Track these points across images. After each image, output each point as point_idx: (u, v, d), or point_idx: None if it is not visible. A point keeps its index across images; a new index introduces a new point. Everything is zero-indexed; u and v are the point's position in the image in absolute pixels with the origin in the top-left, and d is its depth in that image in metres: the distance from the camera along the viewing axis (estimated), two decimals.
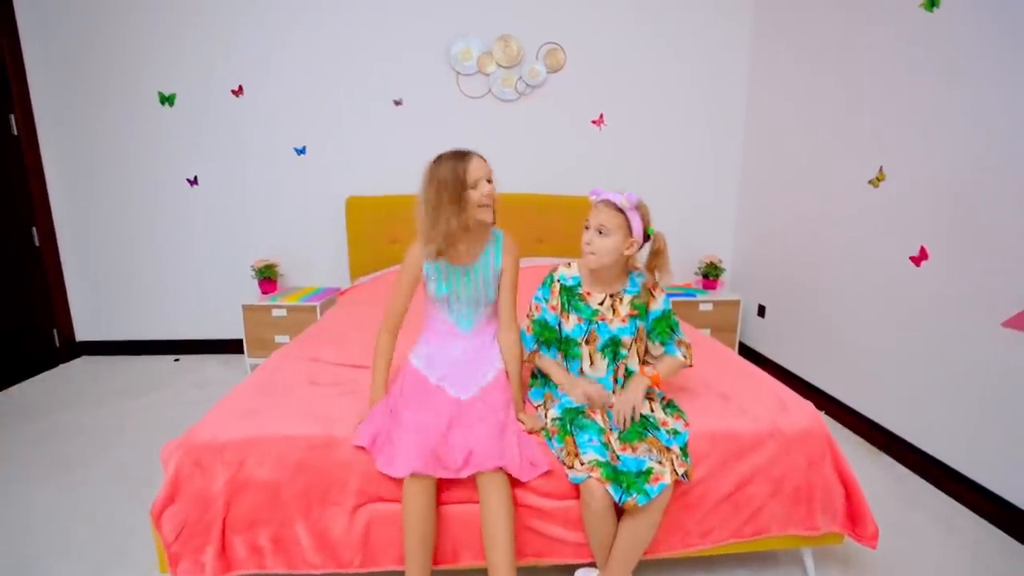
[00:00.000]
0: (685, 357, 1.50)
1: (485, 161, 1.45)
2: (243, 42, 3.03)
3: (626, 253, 1.40)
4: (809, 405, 1.49)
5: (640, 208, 1.41)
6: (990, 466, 1.79)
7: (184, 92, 3.07)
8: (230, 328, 3.26)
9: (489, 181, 1.44)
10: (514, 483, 1.29)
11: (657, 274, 1.45)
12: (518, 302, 1.56)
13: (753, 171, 3.24)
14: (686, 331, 1.84)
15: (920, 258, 2.05)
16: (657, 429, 1.37)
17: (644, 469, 1.24)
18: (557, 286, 1.52)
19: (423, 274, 1.51)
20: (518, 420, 1.43)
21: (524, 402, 1.55)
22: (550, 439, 1.36)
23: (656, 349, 1.52)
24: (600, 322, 1.45)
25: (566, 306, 1.49)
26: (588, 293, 1.48)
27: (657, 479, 1.22)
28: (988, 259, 1.79)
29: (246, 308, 2.98)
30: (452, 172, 1.39)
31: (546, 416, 1.44)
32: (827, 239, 2.58)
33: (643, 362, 1.52)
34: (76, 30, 2.97)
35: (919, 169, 2.06)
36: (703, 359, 1.78)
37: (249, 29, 3.02)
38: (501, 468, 1.26)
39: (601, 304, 1.47)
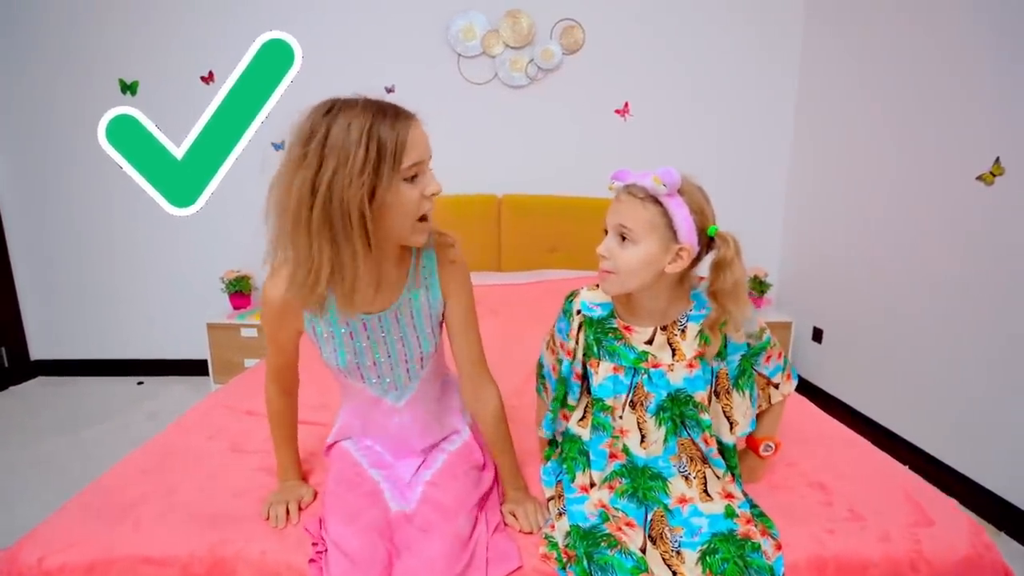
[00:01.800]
0: (780, 387, 1.02)
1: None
2: (214, 22, 2.64)
3: (669, 269, 0.87)
4: (965, 516, 0.98)
5: (688, 193, 0.86)
6: None
7: (148, 79, 2.69)
8: (199, 348, 2.85)
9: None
10: None
11: (726, 307, 0.88)
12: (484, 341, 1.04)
13: (805, 168, 2.73)
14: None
15: None
16: (767, 572, 0.83)
17: None
18: (578, 320, 0.98)
19: (307, 332, 0.94)
20: (504, 516, 0.96)
21: (522, 483, 1.03)
22: (564, 567, 0.86)
23: (744, 404, 0.98)
24: (653, 370, 0.93)
25: (594, 350, 0.96)
26: (627, 328, 0.95)
27: None
28: None
29: (211, 327, 2.57)
30: (375, 147, 0.74)
31: (555, 524, 0.95)
32: (912, 248, 2.07)
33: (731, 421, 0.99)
34: (22, 9, 2.61)
35: None
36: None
37: (220, 7, 2.63)
38: None
39: (650, 343, 0.94)
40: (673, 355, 0.94)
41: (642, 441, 0.96)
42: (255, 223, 3.21)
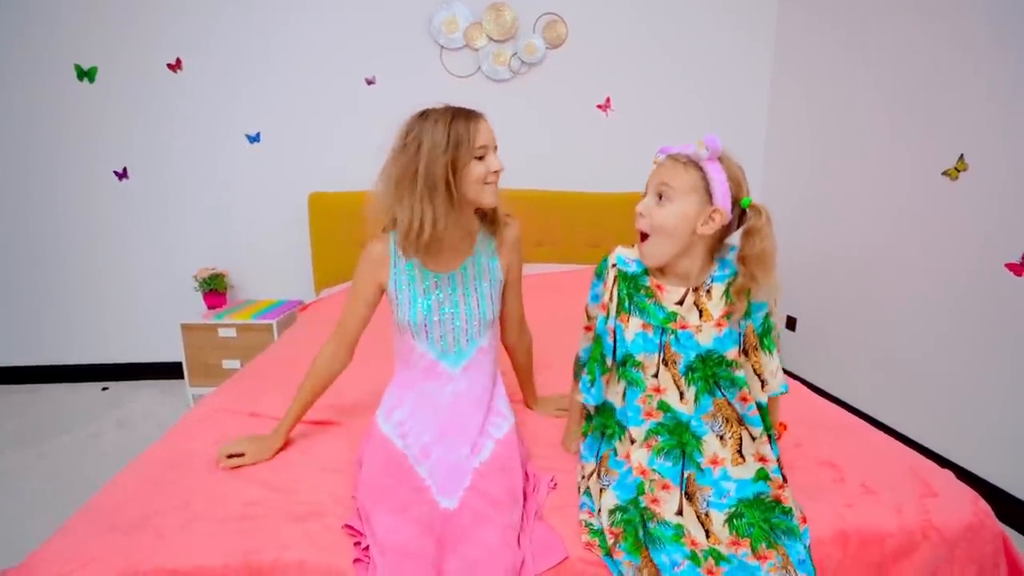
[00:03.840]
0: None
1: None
2: (181, 4, 2.50)
3: (700, 230, 0.91)
4: (964, 486, 1.06)
5: (727, 162, 0.93)
6: None
7: (108, 65, 2.53)
8: (170, 349, 2.72)
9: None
10: None
11: (754, 273, 0.91)
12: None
13: (778, 159, 2.85)
14: None
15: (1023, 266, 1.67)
16: (794, 534, 0.88)
17: None
18: (612, 273, 1.00)
19: (388, 289, 1.13)
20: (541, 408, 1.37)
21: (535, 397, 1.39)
22: (608, 552, 0.88)
23: (773, 363, 1.00)
24: (680, 331, 0.96)
25: (625, 304, 0.99)
26: (659, 287, 0.98)
27: None
28: None
29: (186, 327, 2.45)
30: (454, 135, 1.00)
31: (598, 504, 0.96)
32: (882, 239, 2.20)
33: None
34: None
35: (1012, 158, 1.68)
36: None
37: None
38: None
39: (680, 303, 0.97)
40: (700, 316, 0.96)
41: (681, 398, 0.98)
42: (229, 217, 3.09)
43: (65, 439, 2.19)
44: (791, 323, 2.75)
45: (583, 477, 1.04)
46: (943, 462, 1.93)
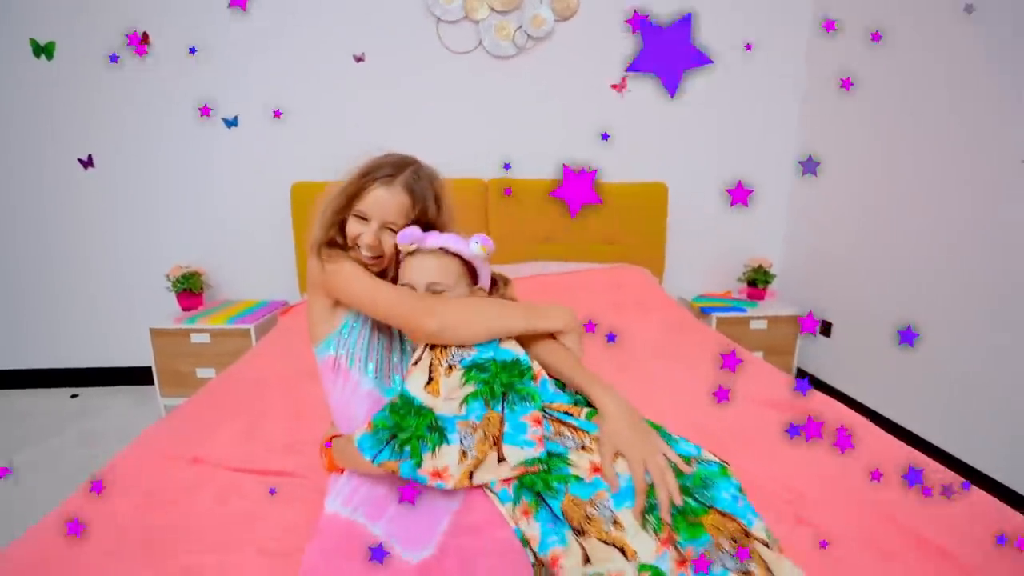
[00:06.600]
0: None
1: (410, 198, 0.95)
2: None
3: None
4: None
5: None
6: None
7: (66, 39, 2.25)
8: (141, 354, 2.49)
9: (391, 230, 0.94)
10: None
11: None
12: None
13: (815, 149, 2.55)
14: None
15: None
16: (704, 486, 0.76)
17: None
18: None
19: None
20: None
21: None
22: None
23: None
24: None
25: None
26: None
27: None
28: None
29: (155, 332, 2.23)
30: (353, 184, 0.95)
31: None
32: (927, 236, 1.92)
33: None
34: None
35: None
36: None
37: None
38: None
39: None
40: None
41: None
42: (205, 209, 2.72)
43: (23, 455, 1.98)
44: (826, 329, 2.49)
45: None
46: (995, 486, 1.67)
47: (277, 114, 2.03)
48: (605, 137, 2.36)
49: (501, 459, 0.75)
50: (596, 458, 0.76)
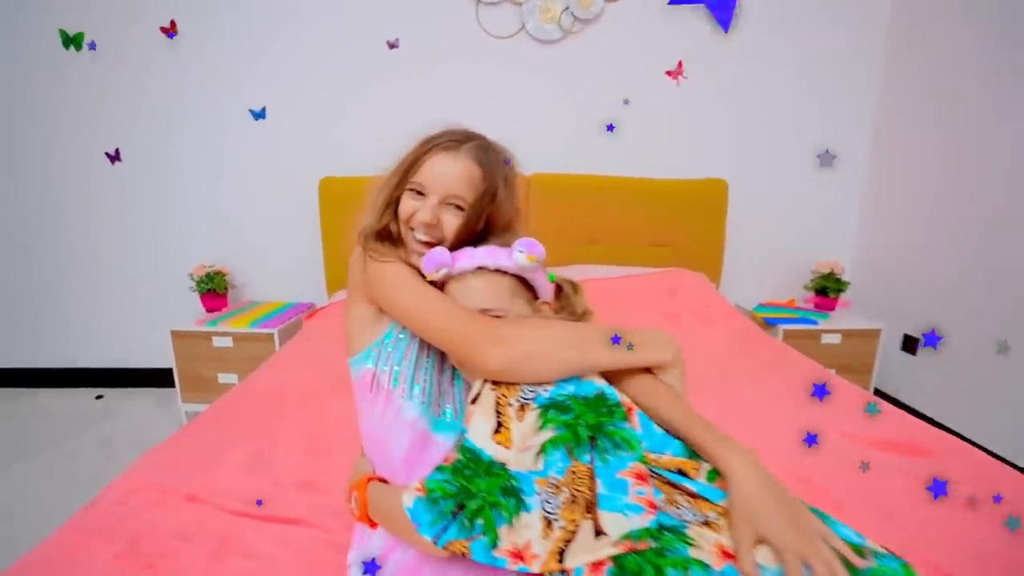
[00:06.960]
0: None
1: (481, 169, 0.80)
2: None
3: None
4: None
5: None
6: None
7: (96, 30, 2.17)
8: (164, 356, 2.40)
9: (459, 207, 0.78)
10: None
11: None
12: None
13: (893, 145, 2.26)
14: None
15: None
16: None
17: None
18: None
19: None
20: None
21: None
22: None
23: None
24: None
25: None
26: None
27: None
28: None
29: (176, 335, 2.12)
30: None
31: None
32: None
33: None
34: None
35: None
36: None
37: None
38: None
39: None
40: None
41: None
42: (230, 205, 2.53)
43: (33, 463, 1.89)
44: (909, 344, 2.19)
45: None
46: None
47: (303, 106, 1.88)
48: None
49: (599, 532, 0.54)
50: (726, 539, 0.55)
